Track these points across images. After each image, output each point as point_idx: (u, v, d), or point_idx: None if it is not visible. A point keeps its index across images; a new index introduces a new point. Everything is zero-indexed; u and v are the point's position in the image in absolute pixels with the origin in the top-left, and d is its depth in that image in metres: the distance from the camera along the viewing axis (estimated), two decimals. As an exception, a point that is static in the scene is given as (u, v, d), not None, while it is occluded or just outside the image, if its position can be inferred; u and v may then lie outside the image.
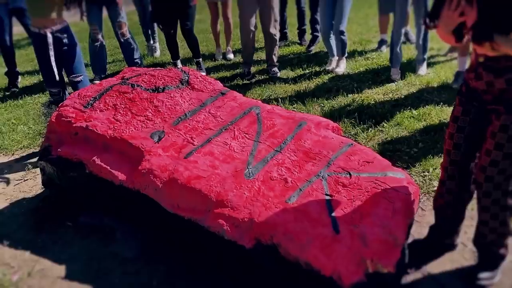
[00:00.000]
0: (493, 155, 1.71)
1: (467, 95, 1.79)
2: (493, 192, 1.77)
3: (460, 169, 1.88)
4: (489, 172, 1.74)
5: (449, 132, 1.89)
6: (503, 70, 1.61)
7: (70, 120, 2.44)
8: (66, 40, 3.05)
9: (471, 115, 1.79)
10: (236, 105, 2.49)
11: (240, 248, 1.86)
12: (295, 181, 1.98)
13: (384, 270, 1.72)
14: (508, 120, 1.65)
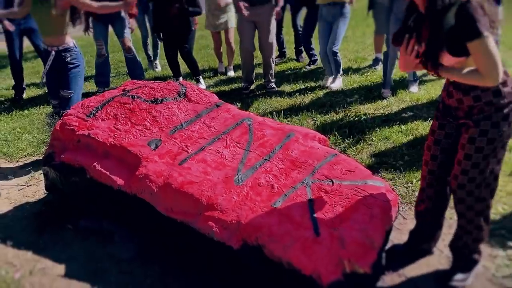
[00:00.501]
0: (463, 164, 1.85)
1: (442, 111, 1.94)
2: (466, 199, 1.90)
3: (437, 178, 2.02)
4: (460, 180, 1.88)
5: (427, 144, 2.04)
6: (469, 89, 1.76)
7: (73, 128, 2.59)
8: (69, 59, 3.23)
9: (446, 129, 1.94)
10: (229, 116, 2.65)
11: (228, 249, 1.99)
12: (281, 187, 2.12)
13: (360, 270, 1.85)
14: (475, 133, 1.79)
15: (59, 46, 3.21)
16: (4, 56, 8.33)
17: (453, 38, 1.66)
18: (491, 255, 2.18)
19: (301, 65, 5.94)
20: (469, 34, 1.60)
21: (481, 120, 1.76)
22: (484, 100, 1.76)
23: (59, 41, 3.21)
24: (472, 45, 1.61)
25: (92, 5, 3.23)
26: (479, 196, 1.90)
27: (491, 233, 2.31)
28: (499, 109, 1.74)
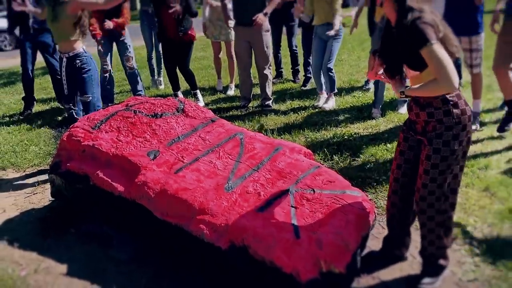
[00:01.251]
0: (423, 179, 2.06)
1: (408, 125, 2.17)
2: (427, 210, 2.10)
3: (401, 186, 2.23)
4: (422, 193, 2.09)
5: (395, 155, 2.26)
6: (426, 105, 1.99)
7: (79, 139, 2.82)
8: (79, 64, 3.47)
9: (409, 142, 2.16)
10: (223, 131, 2.88)
11: (217, 250, 2.19)
12: (267, 195, 2.33)
13: (336, 270, 2.05)
14: (430, 151, 2.01)
15: (70, 52, 3.46)
16: (13, 72, 8.70)
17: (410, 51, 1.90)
18: (459, 261, 2.37)
19: (297, 85, 6.20)
20: (419, 42, 1.85)
21: (434, 139, 1.98)
22: (436, 117, 1.98)
23: (70, 47, 3.45)
24: (423, 52, 1.85)
25: (99, 2, 3.45)
26: (439, 208, 2.09)
27: (461, 241, 2.51)
28: (448, 128, 1.96)
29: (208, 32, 5.89)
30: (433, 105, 1.98)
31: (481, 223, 2.67)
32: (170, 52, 5.26)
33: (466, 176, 3.20)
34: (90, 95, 3.53)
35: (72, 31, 3.42)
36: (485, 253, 2.39)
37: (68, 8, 3.33)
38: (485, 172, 3.25)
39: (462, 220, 2.70)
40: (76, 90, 3.58)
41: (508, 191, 2.96)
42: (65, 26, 3.40)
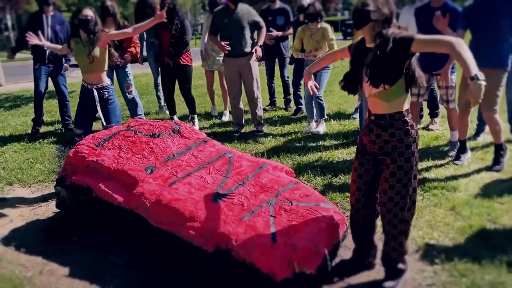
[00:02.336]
0: (389, 193, 2.35)
1: (361, 151, 2.47)
2: (393, 220, 2.41)
3: (363, 205, 2.50)
4: (388, 206, 2.38)
5: (352, 178, 2.55)
6: (387, 126, 2.31)
7: (84, 155, 3.14)
8: (107, 95, 3.84)
9: (365, 166, 2.45)
10: (214, 150, 3.20)
11: (204, 253, 2.48)
12: (249, 206, 2.63)
13: (307, 271, 2.33)
14: (395, 168, 2.31)
15: (98, 84, 3.81)
16: (18, 96, 9.10)
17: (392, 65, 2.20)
18: (421, 269, 2.65)
19: (289, 113, 6.58)
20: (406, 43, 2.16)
21: (397, 157, 2.29)
22: (397, 137, 2.29)
23: (99, 79, 3.82)
24: (415, 45, 2.15)
25: (127, 31, 3.89)
26: (402, 218, 2.40)
27: (425, 252, 2.80)
28: (408, 147, 2.29)
29: (203, 61, 6.33)
30: (394, 126, 2.30)
31: (444, 237, 2.96)
32: (167, 77, 5.63)
33: (436, 197, 3.51)
34: (114, 124, 3.86)
35: (102, 64, 3.80)
36: (443, 262, 2.67)
37: (99, 42, 3.73)
38: (453, 194, 3.56)
39: (427, 234, 2.99)
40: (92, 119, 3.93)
41: (471, 210, 3.26)
42: (96, 60, 3.76)
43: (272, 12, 6.47)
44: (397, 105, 2.30)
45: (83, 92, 3.93)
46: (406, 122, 2.30)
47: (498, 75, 3.90)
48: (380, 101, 2.31)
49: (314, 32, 5.33)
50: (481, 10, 3.93)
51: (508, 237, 2.89)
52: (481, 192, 3.57)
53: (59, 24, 5.71)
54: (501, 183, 3.73)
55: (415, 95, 4.62)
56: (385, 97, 2.29)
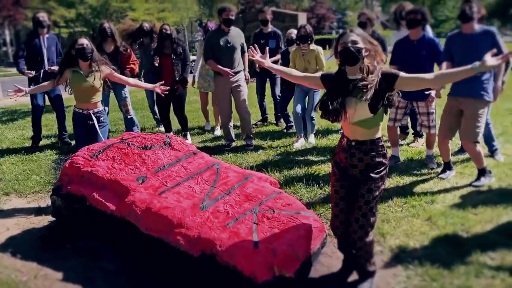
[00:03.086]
0: (363, 209, 2.51)
1: (339, 174, 2.62)
2: (363, 236, 2.56)
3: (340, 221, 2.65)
4: (361, 222, 2.53)
5: (330, 195, 2.70)
6: (368, 150, 2.50)
7: (79, 166, 3.31)
8: (102, 119, 4.03)
9: (345, 187, 2.61)
10: (203, 162, 3.38)
11: (191, 257, 2.64)
12: (234, 213, 2.80)
13: (286, 274, 2.50)
14: (372, 185, 2.49)
15: (94, 109, 4.00)
16: (14, 111, 9.27)
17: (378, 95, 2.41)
18: (395, 274, 2.81)
19: (279, 128, 6.79)
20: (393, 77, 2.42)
21: (377, 177, 2.49)
22: (377, 160, 2.50)
23: (95, 106, 4.00)
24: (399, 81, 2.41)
25: (129, 81, 4.18)
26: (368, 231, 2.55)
27: (400, 259, 2.97)
28: (385, 167, 2.51)
29: (198, 84, 6.60)
30: (374, 150, 2.50)
31: (419, 245, 3.13)
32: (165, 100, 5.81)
33: (414, 208, 3.69)
34: None
35: (100, 93, 4.00)
36: (416, 268, 2.84)
37: (102, 76, 3.95)
38: (431, 206, 3.74)
39: (403, 243, 3.17)
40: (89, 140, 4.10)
41: (446, 220, 3.44)
42: (95, 91, 3.96)
43: (265, 36, 6.74)
44: (376, 132, 2.52)
45: (78, 119, 4.01)
46: (383, 146, 2.54)
47: (478, 105, 4.00)
48: (361, 129, 2.50)
49: (306, 53, 5.59)
50: (461, 43, 4.10)
51: (478, 244, 3.06)
52: (457, 204, 3.75)
53: (54, 45, 5.92)
54: (477, 195, 3.92)
55: (392, 120, 4.83)
56: (367, 124, 2.48)
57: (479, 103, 4.02)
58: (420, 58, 4.49)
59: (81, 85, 3.92)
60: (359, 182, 2.55)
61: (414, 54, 4.52)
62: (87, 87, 3.91)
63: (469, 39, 4.02)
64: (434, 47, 4.50)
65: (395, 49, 4.81)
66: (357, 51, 2.42)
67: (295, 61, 5.68)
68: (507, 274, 2.72)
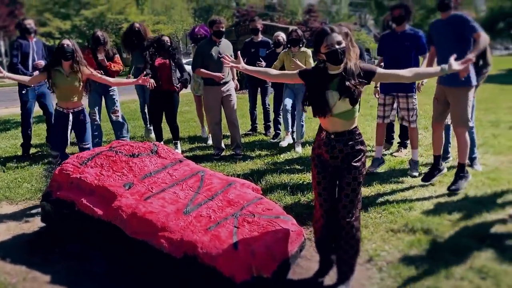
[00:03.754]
0: (351, 196, 2.68)
1: (320, 166, 2.78)
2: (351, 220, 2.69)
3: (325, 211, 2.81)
4: (349, 208, 2.68)
5: (317, 191, 2.85)
6: (347, 140, 2.66)
7: (68, 173, 3.43)
8: (82, 117, 4.24)
9: (327, 178, 2.78)
10: (188, 169, 3.52)
11: (174, 259, 2.76)
12: (216, 218, 2.93)
13: (264, 275, 2.62)
14: (356, 173, 2.66)
15: (75, 109, 4.18)
16: (6, 120, 9.37)
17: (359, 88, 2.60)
18: (369, 277, 2.95)
19: (268, 138, 6.94)
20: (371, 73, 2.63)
21: (359, 165, 2.66)
22: (356, 148, 2.67)
23: (75, 105, 4.21)
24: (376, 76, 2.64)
25: (110, 81, 4.35)
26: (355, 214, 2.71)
27: (375, 262, 3.10)
28: (364, 153, 2.70)
29: (191, 87, 6.74)
30: (353, 139, 2.67)
31: (394, 249, 3.27)
32: (156, 105, 5.95)
33: (392, 215, 3.83)
34: (89, 143, 4.28)
35: (80, 94, 4.21)
36: (390, 270, 2.98)
37: (82, 76, 4.12)
38: (408, 212, 3.89)
39: (379, 247, 3.30)
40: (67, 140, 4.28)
41: (422, 226, 3.58)
42: (75, 90, 4.17)
43: (255, 44, 6.93)
44: (353, 122, 2.71)
45: (58, 116, 4.29)
46: (360, 134, 2.73)
47: (464, 92, 4.20)
48: (340, 120, 2.67)
49: (296, 54, 5.82)
50: (439, 32, 4.38)
51: (450, 248, 3.21)
52: (434, 211, 3.90)
53: (41, 50, 6.08)
54: (453, 203, 4.07)
55: (381, 117, 5.02)
56: (346, 116, 2.65)
57: (461, 90, 4.22)
58: (404, 49, 4.77)
59: (62, 84, 4.15)
60: (342, 171, 2.71)
61: (398, 45, 4.79)
62: (67, 87, 4.14)
63: (445, 23, 4.30)
64: (418, 39, 4.73)
65: (381, 41, 5.12)
66: (342, 52, 2.58)
67: (283, 61, 5.88)
68: (475, 276, 2.86)
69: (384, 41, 5.05)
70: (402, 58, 4.73)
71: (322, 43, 2.60)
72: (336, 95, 2.62)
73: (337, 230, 2.77)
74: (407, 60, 4.71)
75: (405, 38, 4.78)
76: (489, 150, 5.77)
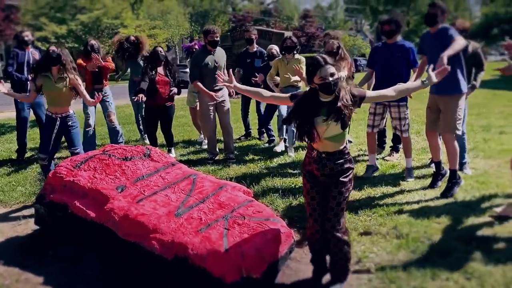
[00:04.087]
0: (335, 210, 2.74)
1: (311, 181, 2.83)
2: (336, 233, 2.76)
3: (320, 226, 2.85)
4: (333, 222, 2.75)
5: (306, 201, 2.91)
6: (337, 159, 2.74)
7: (62, 176, 3.47)
8: (70, 123, 4.30)
9: (319, 193, 2.81)
10: (180, 172, 3.57)
11: (165, 260, 2.80)
12: (207, 220, 2.98)
13: (253, 276, 2.67)
14: (343, 188, 2.73)
15: (63, 114, 4.24)
16: (3, 124, 9.38)
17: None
18: (358, 277, 3.00)
19: (262, 143, 7.00)
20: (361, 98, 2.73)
21: (345, 179, 2.73)
22: (345, 166, 2.74)
23: (64, 110, 4.28)
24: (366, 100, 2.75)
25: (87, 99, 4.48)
26: (342, 228, 2.77)
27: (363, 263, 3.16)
28: (352, 170, 2.77)
29: (187, 100, 6.87)
30: (342, 158, 2.75)
31: (382, 251, 3.32)
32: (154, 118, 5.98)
33: (381, 217, 3.89)
34: (78, 147, 4.34)
35: (68, 99, 4.30)
36: (377, 271, 3.04)
37: (69, 83, 4.22)
38: (398, 215, 3.95)
39: (368, 249, 3.36)
40: (58, 145, 4.35)
41: (410, 229, 3.64)
42: (65, 96, 4.27)
43: (250, 55, 6.99)
44: (343, 142, 2.78)
45: (48, 121, 4.38)
46: (348, 153, 2.80)
47: (454, 100, 4.29)
48: (331, 143, 2.74)
49: (290, 61, 5.92)
50: (429, 45, 4.47)
51: (437, 250, 3.27)
52: (423, 214, 3.96)
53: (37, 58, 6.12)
54: (442, 206, 4.13)
55: (370, 126, 5.09)
56: (337, 139, 2.73)
57: (452, 98, 4.31)
58: (395, 60, 4.83)
59: (50, 90, 4.24)
60: (330, 185, 2.78)
61: (389, 56, 4.85)
62: (55, 92, 4.23)
63: (433, 37, 4.38)
64: (408, 51, 4.80)
65: (372, 53, 5.20)
66: (335, 84, 2.65)
67: (278, 68, 5.96)
68: (461, 276, 2.92)
69: (376, 53, 5.12)
70: (393, 69, 4.81)
71: (316, 75, 2.66)
72: (323, 120, 2.68)
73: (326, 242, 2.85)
74: (398, 71, 4.79)
75: (396, 49, 4.84)
76: (480, 154, 5.85)
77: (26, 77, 5.77)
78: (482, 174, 5.01)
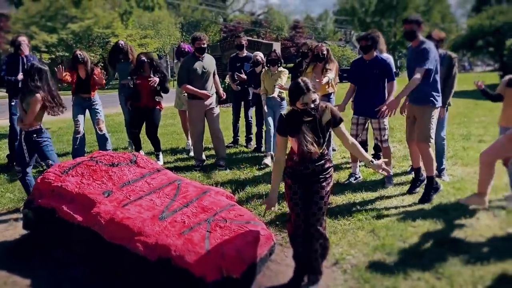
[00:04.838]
0: (319, 204, 2.91)
1: (294, 180, 2.98)
2: (319, 228, 2.91)
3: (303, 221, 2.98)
4: (317, 215, 2.91)
5: (289, 197, 3.06)
6: (319, 160, 2.90)
7: (50, 181, 3.58)
8: (35, 138, 4.25)
9: (301, 188, 2.97)
10: (165, 178, 3.70)
11: (149, 262, 2.92)
12: (190, 223, 3.11)
13: (233, 275, 2.80)
14: (325, 187, 2.92)
15: (29, 128, 4.23)
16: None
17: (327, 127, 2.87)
18: (334, 278, 3.14)
19: (249, 150, 7.14)
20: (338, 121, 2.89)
21: (327, 175, 2.93)
22: (326, 165, 2.92)
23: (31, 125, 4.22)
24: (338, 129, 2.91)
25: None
26: (323, 223, 2.93)
27: (340, 265, 3.30)
28: (331, 167, 2.98)
29: (175, 103, 6.98)
30: (323, 159, 2.92)
31: (359, 253, 3.47)
32: (139, 119, 6.13)
33: (360, 221, 4.05)
34: (50, 160, 4.31)
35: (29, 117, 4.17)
36: (353, 272, 3.18)
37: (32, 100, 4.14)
38: (376, 219, 4.10)
39: (345, 251, 3.51)
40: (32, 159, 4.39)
41: (387, 233, 3.80)
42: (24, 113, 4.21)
43: (240, 59, 7.21)
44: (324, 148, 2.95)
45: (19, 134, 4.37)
46: (328, 153, 3.00)
47: (427, 110, 4.51)
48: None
49: (274, 73, 6.12)
50: (410, 55, 4.72)
51: (411, 252, 3.43)
52: (400, 218, 4.12)
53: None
54: (418, 211, 4.31)
55: (353, 135, 5.24)
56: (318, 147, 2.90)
57: (425, 108, 4.54)
58: (373, 76, 5.00)
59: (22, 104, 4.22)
60: (312, 182, 2.96)
61: (368, 73, 5.01)
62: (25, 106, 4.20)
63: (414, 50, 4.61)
64: (385, 66, 4.98)
65: (352, 68, 5.39)
66: (316, 109, 2.84)
67: (264, 81, 6.19)
68: (431, 276, 3.08)
69: (354, 69, 5.31)
70: (371, 83, 5.00)
71: (299, 100, 2.82)
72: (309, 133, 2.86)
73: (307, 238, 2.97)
74: (375, 86, 4.98)
75: (373, 65, 5.00)
76: (458, 162, 6.05)
77: (16, 78, 5.84)
78: (459, 180, 5.21)
